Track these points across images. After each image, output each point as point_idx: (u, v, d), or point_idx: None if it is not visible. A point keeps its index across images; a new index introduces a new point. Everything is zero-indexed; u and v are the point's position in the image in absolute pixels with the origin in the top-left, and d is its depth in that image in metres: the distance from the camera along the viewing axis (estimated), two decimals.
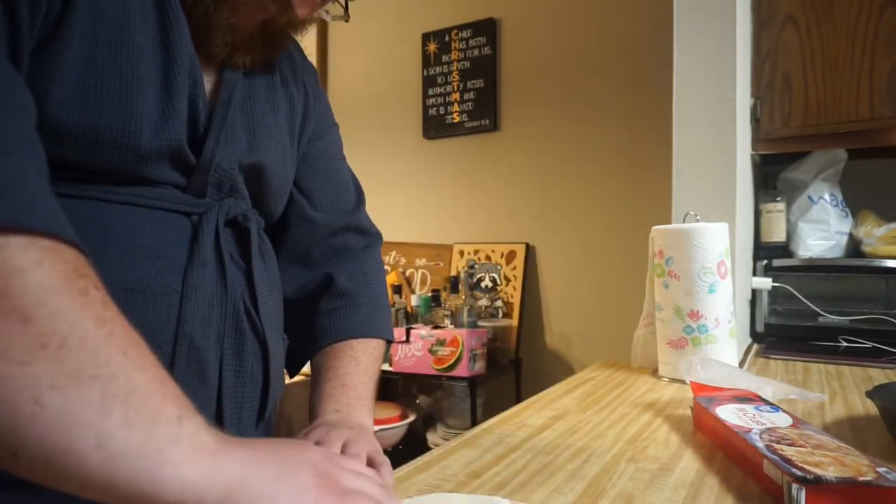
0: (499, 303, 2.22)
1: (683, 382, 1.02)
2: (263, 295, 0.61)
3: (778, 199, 1.53)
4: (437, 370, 1.93)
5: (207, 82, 0.57)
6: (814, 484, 0.49)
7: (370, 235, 0.78)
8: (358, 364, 0.68)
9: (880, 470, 0.50)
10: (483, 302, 2.20)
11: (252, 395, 0.60)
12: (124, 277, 0.49)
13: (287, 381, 0.74)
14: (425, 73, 2.46)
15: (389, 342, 0.76)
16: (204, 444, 0.35)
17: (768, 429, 0.63)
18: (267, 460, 0.38)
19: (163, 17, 0.52)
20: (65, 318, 0.32)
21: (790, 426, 0.64)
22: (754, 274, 1.49)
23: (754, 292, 1.48)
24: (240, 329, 0.58)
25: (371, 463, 0.55)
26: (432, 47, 2.45)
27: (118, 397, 0.32)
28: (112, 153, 0.48)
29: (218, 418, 0.56)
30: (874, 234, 1.42)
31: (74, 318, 0.32)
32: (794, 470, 0.51)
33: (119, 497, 0.32)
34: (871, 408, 0.84)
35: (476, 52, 2.35)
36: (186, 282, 0.53)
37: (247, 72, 0.61)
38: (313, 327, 0.71)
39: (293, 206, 0.72)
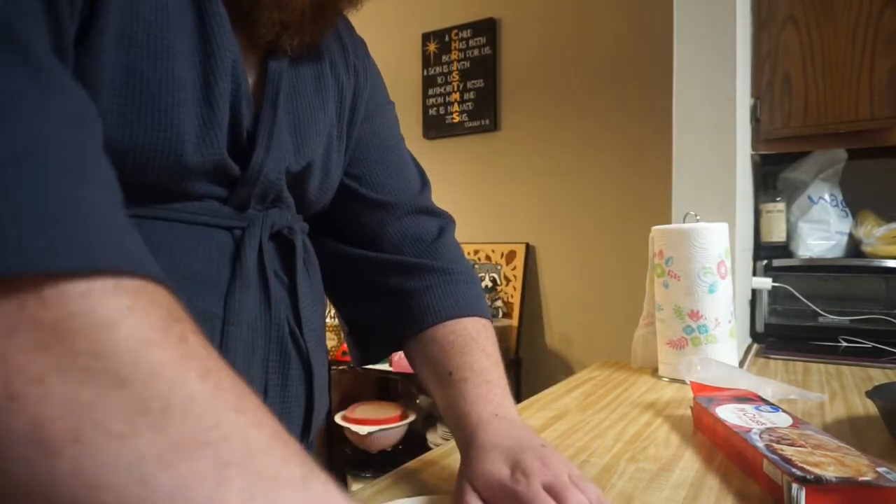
0: (499, 303, 2.22)
1: (683, 382, 1.02)
2: (307, 311, 0.58)
3: (778, 199, 1.53)
4: None
5: (250, 76, 0.52)
6: (814, 484, 0.49)
7: (443, 217, 0.71)
8: (489, 357, 0.61)
9: (880, 470, 0.50)
10: None
11: (297, 418, 0.57)
12: None
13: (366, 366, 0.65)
14: (425, 72, 2.46)
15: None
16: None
17: (768, 429, 0.63)
18: None
19: (201, 11, 0.46)
20: (165, 376, 0.26)
21: (790, 426, 0.64)
22: (754, 274, 1.49)
23: (754, 292, 1.48)
24: (284, 352, 0.55)
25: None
26: (432, 47, 2.45)
27: (234, 465, 0.27)
28: (152, 168, 0.44)
29: None
30: (874, 234, 1.42)
31: (176, 376, 0.27)
32: (794, 470, 0.51)
33: None
34: (871, 408, 0.84)
35: (476, 52, 2.35)
36: (228, 305, 0.49)
37: (292, 60, 0.55)
38: (409, 308, 0.64)
39: (349, 192, 0.66)
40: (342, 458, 2.25)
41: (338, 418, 2.10)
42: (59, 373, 0.24)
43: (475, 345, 0.61)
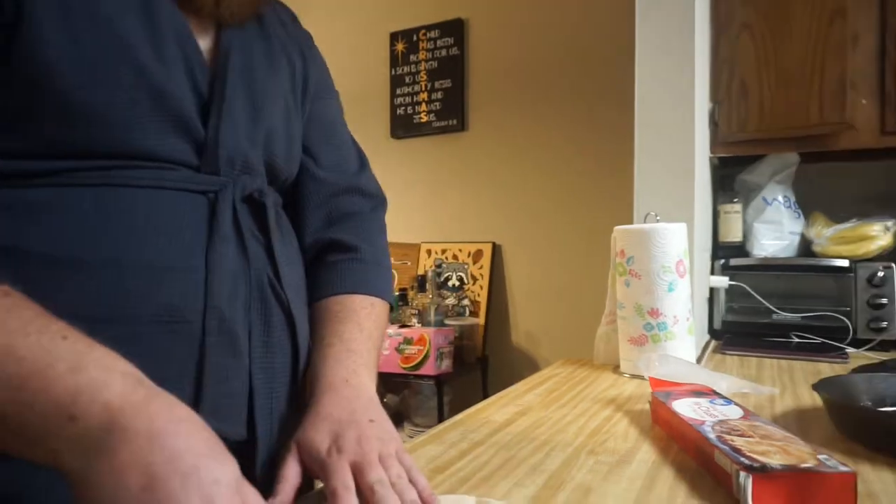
0: (465, 301, 2.24)
1: (643, 378, 1.05)
2: (284, 268, 0.62)
3: (735, 200, 1.58)
4: (405, 369, 1.94)
5: (203, 45, 0.57)
6: (759, 472, 0.51)
7: (375, 198, 0.77)
8: (362, 331, 0.66)
9: (821, 457, 0.53)
10: (450, 301, 2.22)
11: (282, 366, 0.61)
12: (152, 257, 0.51)
13: None
14: (393, 72, 2.46)
15: (392, 307, 0.75)
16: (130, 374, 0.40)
17: (720, 421, 0.66)
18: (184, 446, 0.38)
19: None
20: None
21: (741, 418, 0.67)
22: (712, 273, 1.54)
23: (712, 290, 1.53)
24: (265, 301, 0.59)
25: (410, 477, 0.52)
26: (400, 47, 2.45)
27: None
28: (121, 125, 0.50)
29: (249, 389, 0.57)
30: (824, 234, 1.49)
31: None
32: (742, 459, 0.53)
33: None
34: (818, 400, 0.88)
35: (444, 52, 2.36)
36: (210, 258, 0.54)
37: (245, 38, 0.61)
38: (314, 281, 0.70)
39: (302, 166, 0.71)
40: None
41: None
42: None
43: (354, 317, 0.66)
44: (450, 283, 2.29)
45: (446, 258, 2.33)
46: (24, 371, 0.38)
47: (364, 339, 0.65)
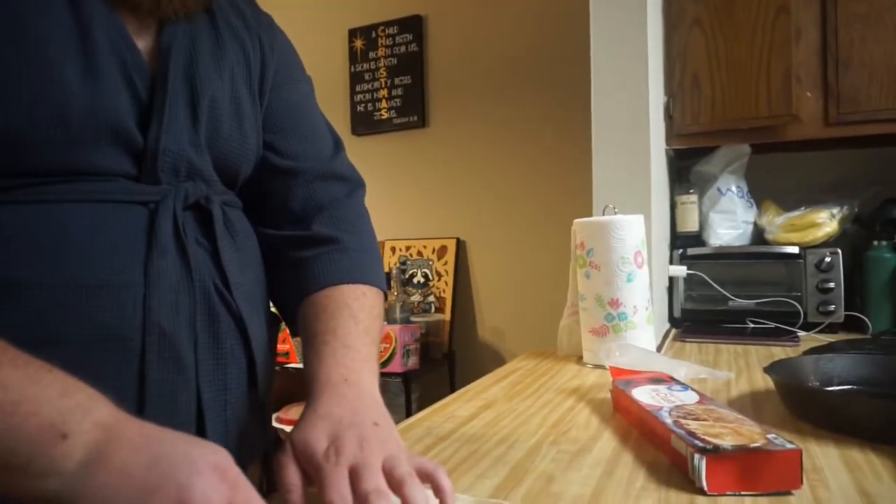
0: (431, 298, 2.24)
1: (605, 368, 1.07)
2: (235, 275, 0.59)
3: (691, 191, 1.62)
4: None
5: (143, 45, 0.55)
6: (712, 453, 0.53)
7: (352, 182, 0.74)
8: (357, 324, 0.62)
9: (770, 437, 0.55)
10: (415, 297, 2.22)
11: (236, 377, 0.59)
12: (87, 275, 0.50)
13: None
14: (352, 69, 2.45)
15: (385, 295, 0.71)
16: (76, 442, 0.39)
17: (677, 406, 0.68)
18: (132, 471, 0.39)
19: None
20: None
21: (697, 403, 0.69)
22: (671, 262, 1.58)
23: (671, 280, 1.57)
24: (212, 311, 0.57)
25: (421, 472, 0.48)
26: (359, 43, 2.44)
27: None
28: (47, 147, 0.48)
29: (198, 402, 0.55)
30: (775, 222, 1.54)
31: None
32: (696, 441, 0.55)
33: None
34: (770, 383, 0.92)
35: (403, 48, 2.35)
36: (148, 273, 0.52)
37: (190, 32, 0.58)
38: (297, 278, 0.66)
39: (265, 161, 0.68)
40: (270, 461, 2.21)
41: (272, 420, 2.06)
42: None
43: (346, 311, 0.63)
44: (415, 280, 2.29)
45: (411, 255, 2.33)
46: (13, 398, 0.39)
47: (361, 334, 0.61)
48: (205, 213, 0.59)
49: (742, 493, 0.53)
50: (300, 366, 1.88)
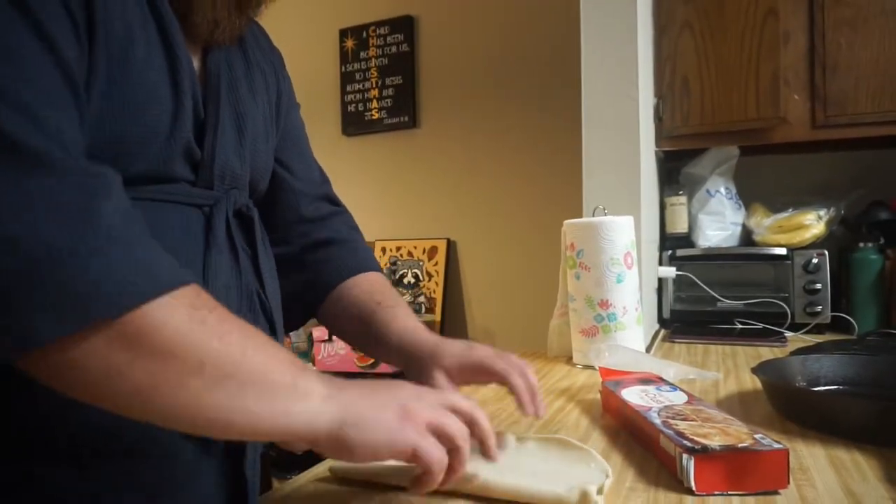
0: (421, 298, 2.24)
1: (595, 369, 1.07)
2: (268, 279, 0.66)
3: (680, 192, 1.64)
4: (361, 367, 1.93)
5: (195, 66, 0.60)
6: (700, 453, 0.54)
7: (340, 206, 0.85)
8: (399, 296, 0.77)
9: (757, 436, 0.56)
10: (406, 298, 2.22)
11: None
12: None
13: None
14: (343, 69, 2.44)
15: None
16: (314, 391, 0.47)
17: (666, 406, 0.68)
18: (365, 398, 0.48)
19: (159, 20, 0.54)
20: (196, 346, 0.43)
21: (685, 403, 0.70)
22: (661, 263, 1.59)
23: (661, 281, 1.58)
24: (253, 310, 0.63)
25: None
26: (350, 43, 2.43)
27: (247, 383, 0.44)
28: (140, 156, 0.53)
29: None
30: (763, 224, 1.55)
31: (202, 343, 0.43)
32: (684, 442, 0.56)
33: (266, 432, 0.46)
34: (758, 383, 0.93)
35: (394, 48, 2.35)
36: (207, 269, 0.57)
37: (225, 60, 0.64)
38: (318, 273, 0.77)
39: (277, 179, 0.76)
40: (266, 460, 2.20)
41: None
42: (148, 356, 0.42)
43: (387, 286, 0.78)
44: (405, 281, 2.29)
45: (401, 255, 2.32)
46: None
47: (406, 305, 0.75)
48: (246, 221, 0.65)
49: (730, 492, 0.54)
50: None
